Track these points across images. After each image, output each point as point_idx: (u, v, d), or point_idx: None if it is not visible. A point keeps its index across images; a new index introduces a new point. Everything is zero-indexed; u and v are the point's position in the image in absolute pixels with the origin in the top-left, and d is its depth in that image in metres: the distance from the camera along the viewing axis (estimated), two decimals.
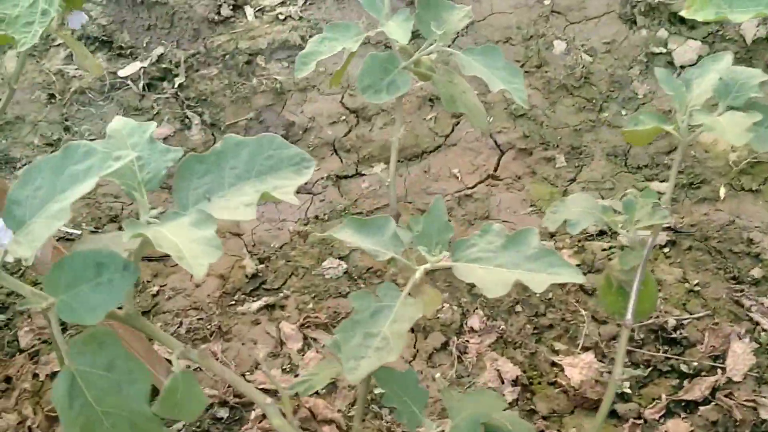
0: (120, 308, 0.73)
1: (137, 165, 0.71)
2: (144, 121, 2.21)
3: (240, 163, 0.70)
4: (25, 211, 0.63)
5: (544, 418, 1.50)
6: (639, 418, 1.48)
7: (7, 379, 1.74)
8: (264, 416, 1.55)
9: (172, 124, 2.16)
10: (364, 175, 2.06)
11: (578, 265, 1.67)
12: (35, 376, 1.73)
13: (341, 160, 2.10)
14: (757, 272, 1.70)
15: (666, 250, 1.78)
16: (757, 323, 1.61)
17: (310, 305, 1.78)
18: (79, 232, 1.55)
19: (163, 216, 0.68)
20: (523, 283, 0.85)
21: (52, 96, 2.27)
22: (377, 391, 1.49)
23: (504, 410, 1.13)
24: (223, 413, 1.57)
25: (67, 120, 2.24)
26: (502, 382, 1.56)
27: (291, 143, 0.75)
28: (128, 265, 0.65)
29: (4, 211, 0.63)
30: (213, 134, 2.16)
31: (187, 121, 2.17)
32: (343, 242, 0.96)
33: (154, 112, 2.19)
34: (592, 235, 1.81)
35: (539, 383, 1.56)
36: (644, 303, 1.11)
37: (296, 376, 1.64)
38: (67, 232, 1.74)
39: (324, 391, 1.59)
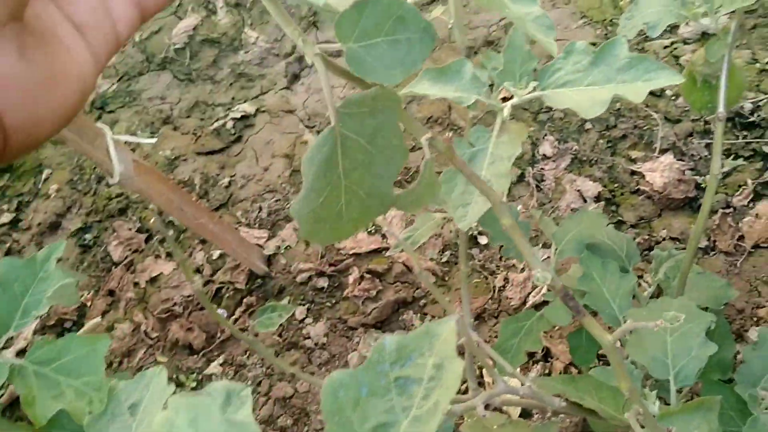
0: None
1: None
2: (169, 15, 2.13)
3: None
4: None
5: (633, 226, 1.52)
6: (728, 207, 1.49)
7: (111, 293, 1.83)
8: (362, 277, 1.61)
9: (197, 13, 2.10)
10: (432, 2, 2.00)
11: None
12: (136, 284, 1.82)
13: None
14: None
15: None
16: None
17: None
18: (153, 140, 1.56)
19: None
20: (620, 96, 0.83)
21: None
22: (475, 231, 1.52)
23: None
24: (323, 283, 1.63)
25: None
26: (585, 201, 1.57)
27: None
28: (428, 28, 0.56)
29: None
30: (240, 14, 2.09)
31: (211, 6, 2.10)
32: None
33: (177, 4, 2.12)
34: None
35: (622, 194, 1.57)
36: (732, 92, 1.08)
37: (383, 236, 1.69)
38: (137, 141, 1.75)
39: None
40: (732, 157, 1.53)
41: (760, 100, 1.57)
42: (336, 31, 0.56)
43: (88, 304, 1.82)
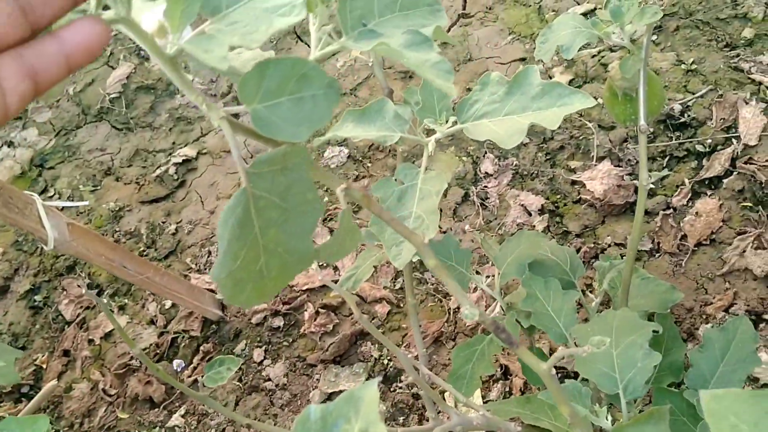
0: None
1: None
2: (102, 66, 2.10)
3: None
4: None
5: (578, 235, 1.54)
6: (668, 208, 1.52)
7: (66, 353, 1.80)
8: (317, 313, 1.60)
9: (129, 61, 2.08)
10: (334, 55, 2.00)
11: (573, 79, 1.65)
12: (90, 342, 1.78)
13: (308, 45, 2.03)
14: (748, 32, 1.68)
15: (654, 37, 1.74)
16: (760, 83, 1.60)
17: (326, 198, 1.79)
18: (85, 202, 1.53)
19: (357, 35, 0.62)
20: (537, 124, 0.84)
21: None
22: (415, 258, 1.52)
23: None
24: (278, 322, 1.62)
25: None
26: (530, 215, 1.59)
27: None
28: (332, 83, 0.56)
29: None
30: None
31: (143, 53, 2.08)
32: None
33: (108, 54, 2.10)
34: None
35: (565, 205, 1.59)
36: (653, 102, 1.10)
37: (335, 269, 1.68)
38: (70, 206, 1.72)
39: None
40: (667, 158, 1.56)
41: (689, 101, 1.61)
42: (239, 93, 0.56)
43: (44, 366, 1.78)
